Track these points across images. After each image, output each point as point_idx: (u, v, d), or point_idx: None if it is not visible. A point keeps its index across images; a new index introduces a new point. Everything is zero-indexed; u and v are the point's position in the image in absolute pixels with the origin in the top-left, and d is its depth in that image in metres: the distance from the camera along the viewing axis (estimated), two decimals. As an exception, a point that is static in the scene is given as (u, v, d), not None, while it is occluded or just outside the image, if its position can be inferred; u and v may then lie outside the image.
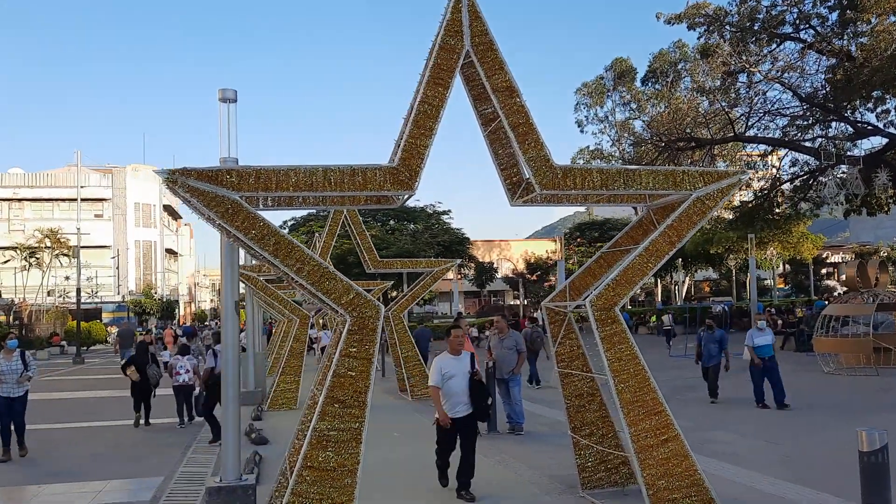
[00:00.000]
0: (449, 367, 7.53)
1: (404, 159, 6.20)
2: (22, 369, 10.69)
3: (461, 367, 7.52)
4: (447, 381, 7.47)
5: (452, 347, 7.64)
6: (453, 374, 7.46)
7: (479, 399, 7.50)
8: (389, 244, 42.85)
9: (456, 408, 7.54)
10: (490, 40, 6.48)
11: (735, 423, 11.90)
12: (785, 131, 30.95)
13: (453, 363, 7.56)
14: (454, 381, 7.45)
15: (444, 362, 7.53)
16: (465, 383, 7.45)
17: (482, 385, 7.58)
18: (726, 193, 6.85)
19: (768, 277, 57.06)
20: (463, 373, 7.49)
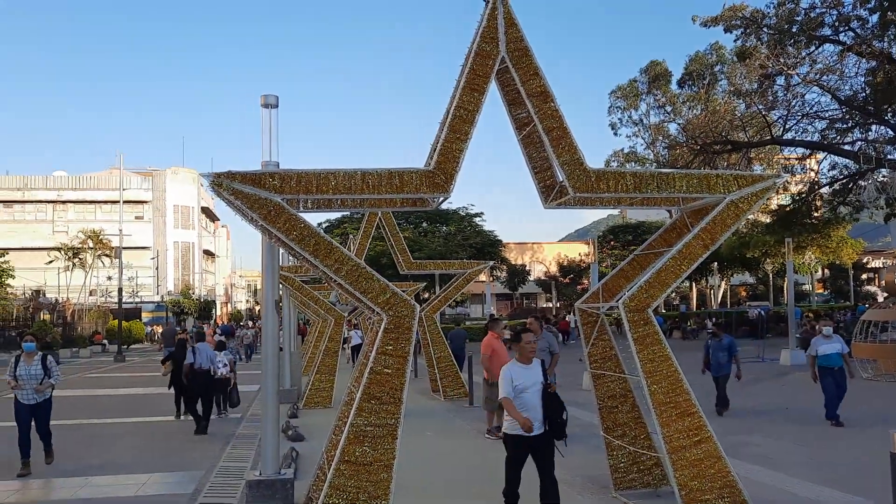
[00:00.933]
0: (521, 377, 6.35)
1: (440, 163, 6.37)
2: (42, 375, 9.49)
3: (533, 377, 6.39)
4: (519, 395, 6.31)
5: (523, 355, 6.43)
6: (526, 385, 6.32)
7: (554, 413, 6.35)
8: (422, 246, 43.12)
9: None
10: (525, 46, 6.61)
11: (769, 427, 11.85)
12: (824, 134, 30.48)
13: (525, 373, 6.39)
14: (527, 394, 6.30)
15: (514, 372, 6.42)
16: (538, 396, 6.32)
17: (557, 398, 6.47)
18: (760, 197, 6.89)
19: (807, 282, 56.16)
20: (536, 384, 6.36)
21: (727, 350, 13.51)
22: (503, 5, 6.53)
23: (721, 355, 13.49)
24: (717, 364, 13.51)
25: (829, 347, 12.04)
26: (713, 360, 13.57)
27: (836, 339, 12.22)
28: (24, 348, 9.69)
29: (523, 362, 6.45)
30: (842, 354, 12.09)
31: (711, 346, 13.71)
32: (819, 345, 12.13)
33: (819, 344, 12.15)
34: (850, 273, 51.15)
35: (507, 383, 6.40)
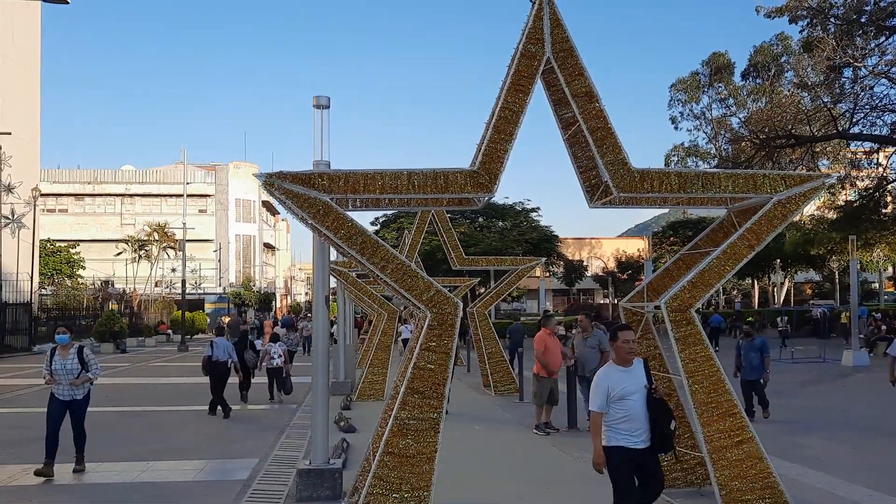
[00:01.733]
0: (620, 382, 5.48)
1: (484, 163, 6.49)
2: (79, 369, 8.82)
3: (636, 380, 5.52)
4: (620, 403, 5.43)
5: (620, 356, 5.60)
6: (628, 391, 5.44)
7: (660, 423, 5.48)
8: (478, 241, 43.19)
9: (637, 437, 5.46)
10: (570, 47, 6.66)
11: (825, 430, 11.61)
12: (894, 128, 29.39)
13: (625, 377, 5.52)
14: (631, 401, 5.43)
15: (611, 378, 5.53)
16: (644, 403, 5.46)
17: (663, 404, 5.62)
18: (808, 197, 6.80)
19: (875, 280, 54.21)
20: (640, 388, 5.50)
21: (759, 351, 12.85)
22: (549, 6, 6.59)
23: (753, 356, 12.87)
24: (749, 366, 12.90)
25: None
26: (745, 363, 12.97)
27: None
28: (58, 341, 9.04)
29: (622, 364, 5.59)
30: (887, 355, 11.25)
31: (743, 348, 13.12)
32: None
33: None
34: (923, 272, 49.26)
35: (601, 393, 5.49)
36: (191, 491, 8.28)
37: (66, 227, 66.48)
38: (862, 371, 19.96)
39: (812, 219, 41.28)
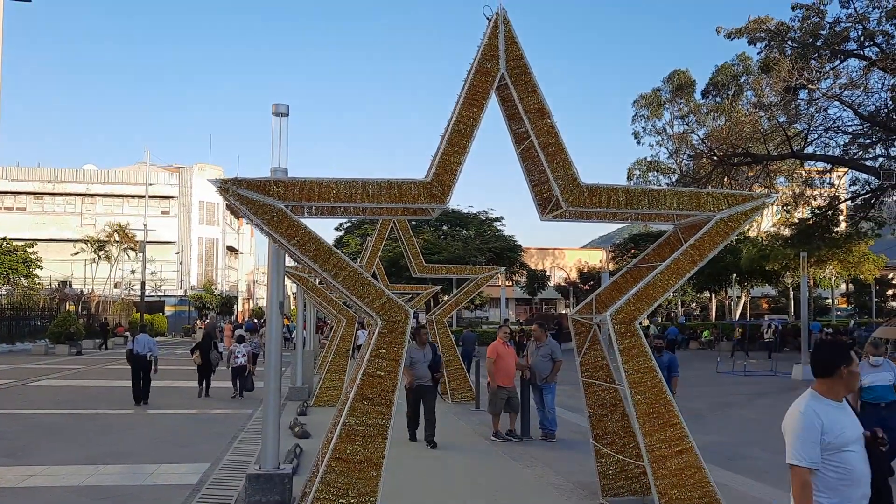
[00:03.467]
0: (837, 424, 3.70)
1: (438, 174, 6.62)
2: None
3: (854, 423, 3.81)
4: (838, 455, 3.65)
5: (847, 385, 3.87)
6: (848, 438, 3.70)
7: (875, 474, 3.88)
8: (441, 249, 43.39)
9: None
10: (524, 64, 6.85)
11: (770, 442, 11.92)
12: (845, 149, 30.34)
13: (840, 417, 3.77)
14: (852, 453, 3.70)
15: (828, 416, 3.72)
16: (865, 457, 3.78)
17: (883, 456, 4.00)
18: (750, 216, 7.06)
19: (828, 297, 55.60)
20: (859, 436, 3.80)
21: (667, 369, 10.56)
22: (504, 23, 6.77)
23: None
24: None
25: (876, 378, 9.36)
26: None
27: (886, 368, 9.46)
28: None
29: (833, 398, 3.81)
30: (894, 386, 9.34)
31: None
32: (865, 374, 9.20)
33: (866, 373, 9.21)
34: (874, 288, 50.64)
35: (811, 440, 3.64)
36: (138, 495, 8.25)
37: (24, 225, 65.14)
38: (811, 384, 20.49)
39: (768, 235, 42.27)
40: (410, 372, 11.05)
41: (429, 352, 11.37)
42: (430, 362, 11.27)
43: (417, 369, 11.15)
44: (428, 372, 11.25)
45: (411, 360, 10.81)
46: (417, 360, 11.09)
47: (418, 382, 11.20)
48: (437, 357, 11.77)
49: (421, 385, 11.20)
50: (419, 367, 11.16)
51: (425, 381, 11.23)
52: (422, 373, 11.18)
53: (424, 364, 11.20)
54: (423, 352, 11.27)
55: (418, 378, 11.18)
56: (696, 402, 16.84)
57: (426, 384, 11.24)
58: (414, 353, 10.97)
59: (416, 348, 11.05)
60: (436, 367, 11.42)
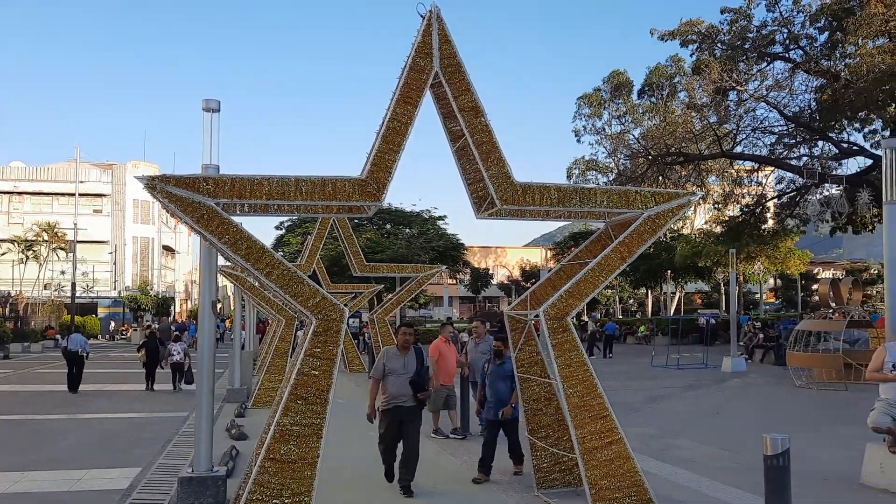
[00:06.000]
0: None
1: (373, 172, 6.63)
2: None
3: None
4: None
5: None
6: None
7: None
8: (384, 248, 43.27)
9: None
10: (458, 62, 6.91)
11: (698, 432, 12.31)
12: (772, 149, 31.44)
13: None
14: None
15: None
16: None
17: None
18: (676, 213, 7.28)
19: (757, 291, 57.56)
20: None
21: (510, 379, 8.63)
22: (438, 22, 6.81)
23: (501, 387, 8.78)
24: (496, 400, 8.76)
25: None
26: (491, 394, 8.86)
27: None
28: None
29: None
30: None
31: (490, 374, 8.96)
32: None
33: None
34: (799, 283, 52.66)
35: None
36: (66, 501, 8.03)
37: (-55, 224, 62.26)
38: (739, 376, 21.20)
39: (700, 233, 43.49)
40: (380, 387, 8.12)
41: (412, 360, 8.07)
42: (413, 375, 7.98)
43: (393, 384, 7.96)
44: (409, 388, 7.93)
45: (386, 369, 8.00)
46: (395, 371, 7.98)
47: (395, 402, 7.95)
48: (425, 368, 8.22)
49: (399, 406, 7.95)
50: (396, 381, 7.96)
51: (405, 401, 7.95)
52: (399, 389, 7.94)
53: (404, 377, 7.95)
54: (405, 360, 8.04)
55: (393, 397, 7.96)
56: (630, 395, 17.25)
57: (406, 405, 7.96)
58: (391, 361, 8.03)
59: (395, 354, 8.11)
60: (421, 383, 8.02)
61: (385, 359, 8.15)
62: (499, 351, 9.01)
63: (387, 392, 8.04)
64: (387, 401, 8.02)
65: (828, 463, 9.57)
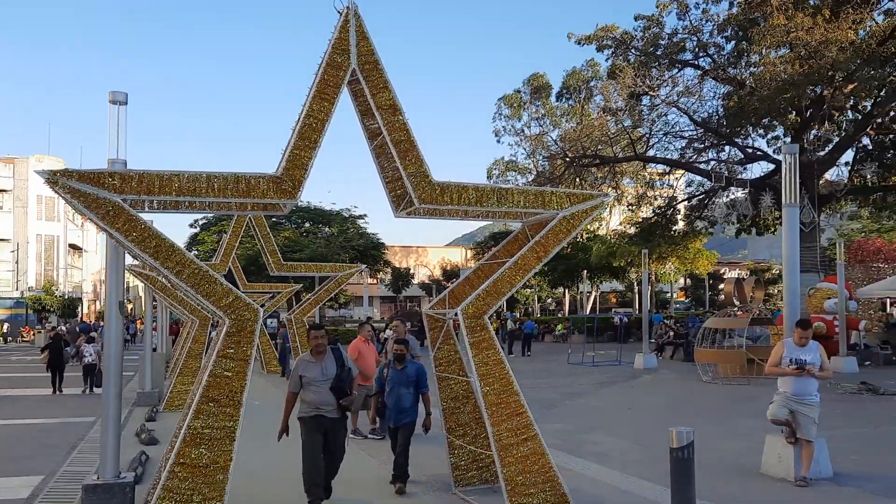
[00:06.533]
0: None
1: (288, 169, 6.51)
2: None
3: None
4: None
5: None
6: None
7: None
8: (303, 247, 42.65)
9: None
10: (375, 60, 6.86)
11: (612, 427, 12.64)
12: (682, 153, 32.69)
13: None
14: None
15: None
16: None
17: None
18: (590, 214, 7.44)
19: (668, 291, 59.65)
20: None
21: (414, 385, 8.29)
22: (355, 18, 6.75)
23: (403, 393, 8.28)
24: (397, 408, 8.28)
25: None
26: (392, 402, 8.34)
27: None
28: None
29: None
30: None
31: (390, 380, 8.44)
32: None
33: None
34: (707, 283, 54.88)
35: None
36: (-42, 514, 7.57)
37: None
38: (650, 372, 21.91)
39: (615, 233, 44.75)
40: (295, 403, 7.47)
41: (331, 365, 7.41)
42: (333, 381, 7.35)
43: (314, 393, 7.31)
44: (331, 396, 7.30)
45: (303, 379, 7.33)
46: (313, 379, 7.30)
47: (315, 412, 7.33)
48: (346, 371, 7.51)
49: (321, 416, 7.31)
50: (317, 391, 7.30)
51: (328, 411, 7.32)
52: (321, 398, 7.29)
53: (324, 383, 7.31)
54: (322, 365, 7.36)
55: (314, 406, 7.34)
56: (548, 392, 17.58)
57: (329, 415, 7.33)
58: (308, 370, 7.33)
59: (310, 361, 7.39)
60: (343, 388, 7.38)
61: (301, 369, 7.38)
62: (400, 355, 8.41)
63: (308, 400, 7.37)
64: (307, 410, 7.34)
65: (730, 454, 9.99)
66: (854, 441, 10.71)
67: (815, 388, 8.39)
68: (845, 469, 8.81)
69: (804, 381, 8.31)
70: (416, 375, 8.33)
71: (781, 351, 8.51)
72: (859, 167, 28.98)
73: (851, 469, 8.89)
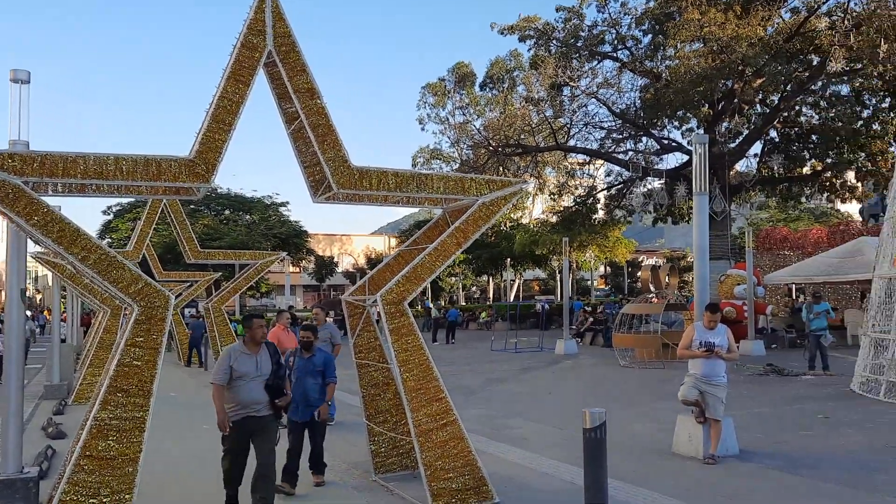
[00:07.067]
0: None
1: (201, 152, 6.33)
2: None
3: None
4: None
5: None
6: None
7: None
8: (223, 234, 41.66)
9: None
10: (292, 42, 6.73)
11: (531, 411, 12.87)
12: (601, 143, 33.48)
13: None
14: None
15: None
16: None
17: None
18: (509, 200, 7.52)
19: (589, 278, 61.12)
20: None
21: (321, 374, 7.89)
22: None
23: (310, 384, 7.81)
24: (305, 400, 7.73)
25: None
26: (299, 393, 7.68)
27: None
28: None
29: None
30: None
31: (296, 369, 7.86)
32: None
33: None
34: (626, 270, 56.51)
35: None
36: None
37: None
38: (571, 358, 22.39)
39: (538, 222, 45.52)
40: (224, 396, 6.54)
41: (265, 359, 6.66)
42: (269, 377, 6.63)
43: (244, 390, 6.53)
44: (263, 394, 6.58)
45: (234, 373, 6.51)
46: (246, 374, 6.52)
47: (245, 413, 6.53)
48: (281, 368, 6.85)
49: (250, 417, 6.54)
50: (248, 387, 6.53)
51: (258, 410, 6.57)
52: (252, 396, 6.54)
53: (257, 380, 6.56)
54: (258, 359, 6.61)
55: (243, 406, 6.53)
56: (470, 378, 17.75)
57: (258, 414, 6.57)
58: (240, 363, 6.54)
59: (243, 353, 6.60)
60: (279, 386, 6.69)
61: (231, 359, 6.53)
62: (307, 343, 7.92)
63: (236, 400, 6.52)
64: (234, 411, 6.53)
65: (644, 435, 10.32)
66: (759, 420, 11.24)
67: (723, 369, 8.75)
68: (750, 446, 9.24)
69: (713, 363, 8.65)
70: (323, 365, 7.90)
71: (692, 334, 8.84)
72: (767, 159, 30.30)
73: (756, 446, 9.32)
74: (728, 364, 8.99)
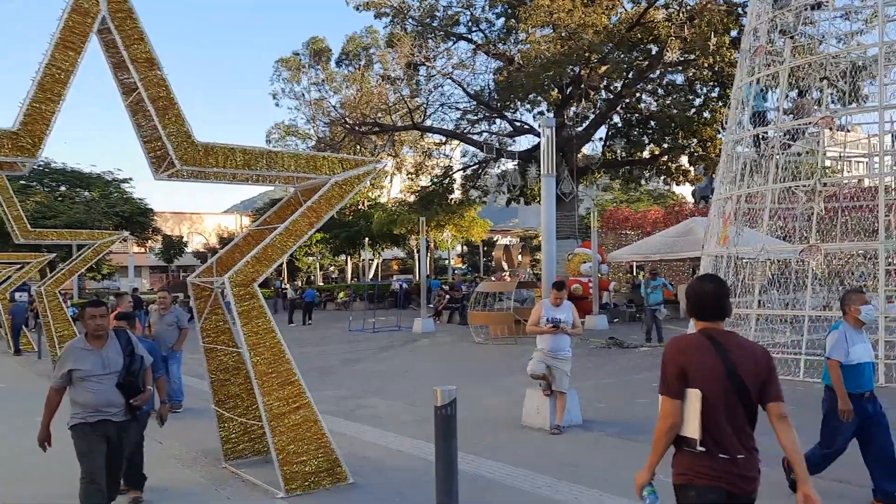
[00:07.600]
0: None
1: (26, 124, 5.83)
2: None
3: None
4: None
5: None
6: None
7: None
8: (59, 213, 38.74)
9: None
10: (129, 8, 6.33)
11: (387, 390, 12.96)
12: (457, 124, 34.01)
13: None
14: None
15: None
16: None
17: None
18: (362, 179, 7.47)
19: (447, 257, 62.19)
20: None
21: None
22: (105, -39, 6.14)
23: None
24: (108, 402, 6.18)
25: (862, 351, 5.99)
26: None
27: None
28: None
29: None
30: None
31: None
32: (850, 343, 5.97)
33: (851, 341, 5.98)
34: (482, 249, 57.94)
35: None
36: None
37: None
38: (428, 336, 22.73)
39: (396, 202, 45.66)
40: (56, 402, 5.59)
41: (115, 354, 5.66)
42: (121, 374, 5.63)
43: (92, 392, 5.51)
44: (117, 395, 5.59)
45: (74, 375, 5.51)
46: (90, 373, 5.50)
47: (98, 416, 5.53)
48: (137, 361, 5.81)
49: (106, 421, 5.55)
50: (96, 388, 5.52)
51: (114, 414, 5.59)
52: (103, 397, 5.53)
53: (106, 378, 5.56)
54: (103, 354, 5.60)
55: (94, 409, 5.53)
56: (327, 359, 17.61)
57: (114, 419, 5.60)
58: (81, 361, 5.52)
59: (84, 349, 5.58)
60: (134, 385, 5.71)
61: (70, 360, 5.51)
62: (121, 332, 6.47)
63: (86, 403, 5.51)
64: (84, 413, 5.52)
65: (496, 409, 10.66)
66: (601, 391, 11.92)
67: (567, 344, 9.18)
68: (593, 416, 9.79)
69: (559, 339, 9.06)
70: (148, 348, 6.56)
71: (540, 311, 9.20)
72: (611, 143, 31.97)
73: (598, 416, 9.89)
74: (574, 338, 9.45)
